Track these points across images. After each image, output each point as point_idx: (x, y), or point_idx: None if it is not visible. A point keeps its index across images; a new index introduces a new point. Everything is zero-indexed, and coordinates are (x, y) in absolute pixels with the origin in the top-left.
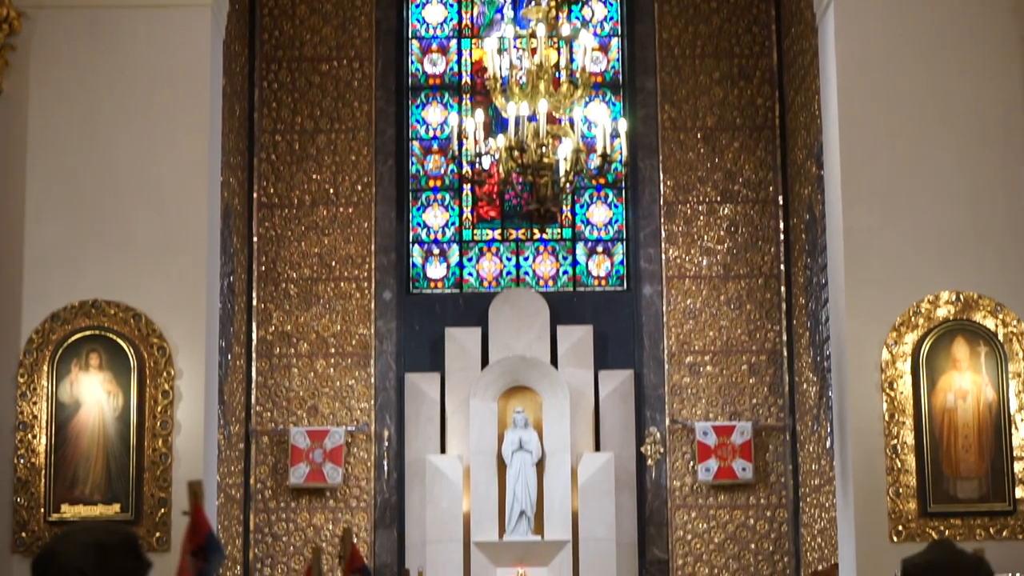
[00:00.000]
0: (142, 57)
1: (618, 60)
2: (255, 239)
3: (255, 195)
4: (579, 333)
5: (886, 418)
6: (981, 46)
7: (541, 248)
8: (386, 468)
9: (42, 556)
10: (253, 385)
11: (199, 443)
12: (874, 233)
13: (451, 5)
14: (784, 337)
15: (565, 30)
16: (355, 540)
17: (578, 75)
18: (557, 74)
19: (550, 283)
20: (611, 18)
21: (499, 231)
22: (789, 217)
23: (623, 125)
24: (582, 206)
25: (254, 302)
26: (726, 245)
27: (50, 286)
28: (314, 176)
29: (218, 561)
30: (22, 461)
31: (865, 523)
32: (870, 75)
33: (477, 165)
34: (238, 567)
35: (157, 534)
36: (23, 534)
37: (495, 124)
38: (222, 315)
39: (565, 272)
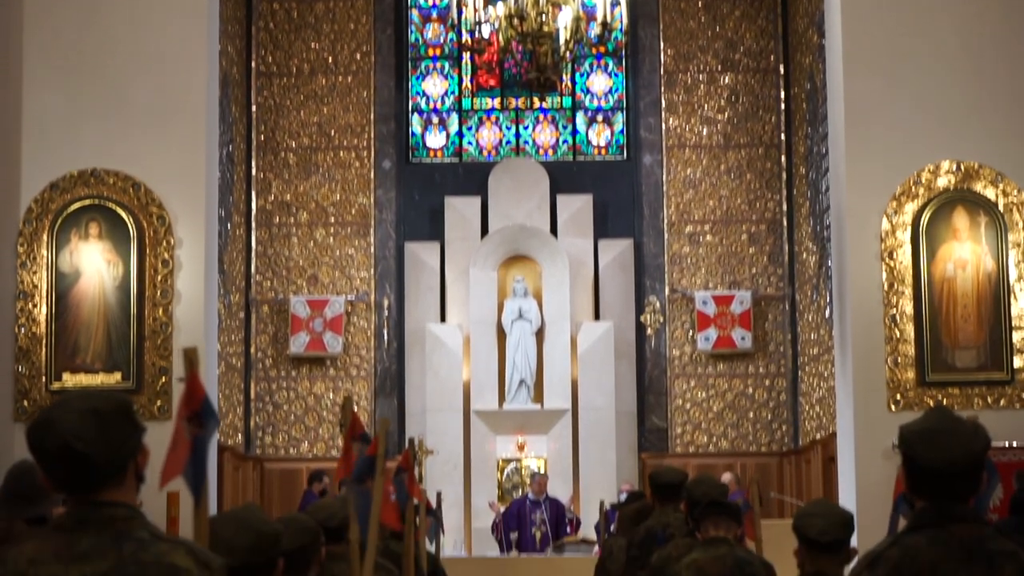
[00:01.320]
0: None
1: None
2: (254, 108)
3: (253, 64)
4: (579, 202)
5: (885, 288)
6: None
7: (541, 117)
8: (386, 337)
9: (38, 424)
10: (253, 254)
11: (199, 312)
12: (875, 102)
13: None
14: (784, 206)
15: None
16: (355, 408)
17: None
18: None
19: (550, 152)
20: None
21: (499, 100)
22: (790, 86)
23: None
24: (582, 75)
25: (253, 171)
26: (726, 114)
27: (49, 155)
28: (312, 44)
29: (213, 427)
30: (23, 330)
31: (863, 392)
32: None
33: (477, 33)
34: (239, 435)
35: (158, 402)
36: (25, 402)
37: None
38: (221, 184)
39: (565, 141)
